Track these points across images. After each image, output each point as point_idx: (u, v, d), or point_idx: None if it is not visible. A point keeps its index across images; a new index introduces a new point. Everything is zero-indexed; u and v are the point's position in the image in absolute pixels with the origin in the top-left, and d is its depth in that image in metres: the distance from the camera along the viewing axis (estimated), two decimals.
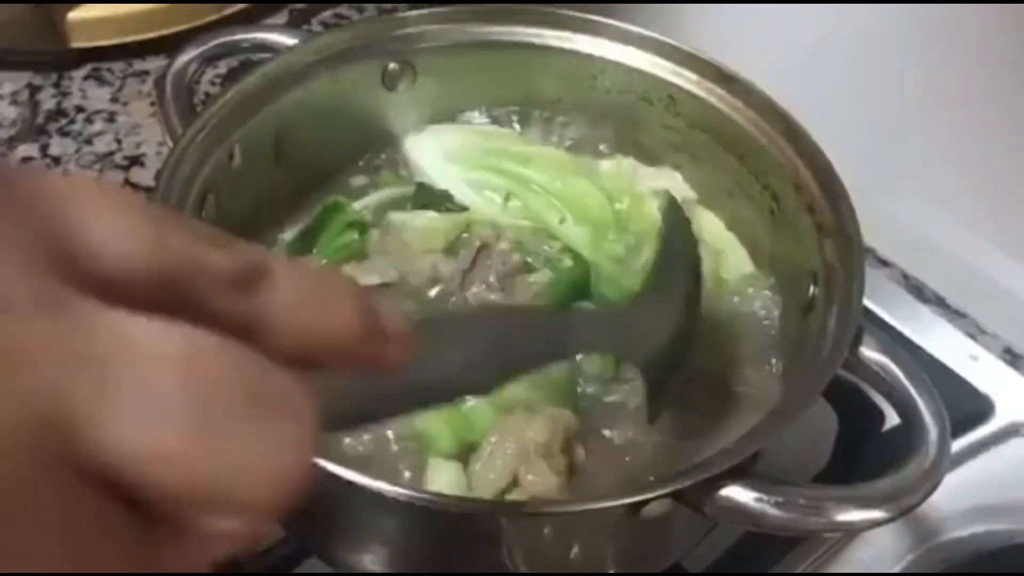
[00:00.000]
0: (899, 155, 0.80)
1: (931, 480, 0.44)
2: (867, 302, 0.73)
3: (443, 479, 0.49)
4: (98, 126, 0.86)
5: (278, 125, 0.57)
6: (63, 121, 0.85)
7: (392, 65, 0.61)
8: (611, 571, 0.51)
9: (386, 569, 0.51)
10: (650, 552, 0.52)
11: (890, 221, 0.77)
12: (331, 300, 0.22)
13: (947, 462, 0.45)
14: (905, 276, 0.80)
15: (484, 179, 0.62)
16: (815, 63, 0.79)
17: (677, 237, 0.49)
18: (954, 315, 0.77)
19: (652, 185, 0.62)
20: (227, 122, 0.54)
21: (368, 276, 0.57)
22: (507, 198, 0.61)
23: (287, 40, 0.59)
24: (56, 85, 0.88)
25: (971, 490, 0.65)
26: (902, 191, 0.78)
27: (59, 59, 0.88)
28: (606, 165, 0.64)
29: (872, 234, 0.80)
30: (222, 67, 0.88)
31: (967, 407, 0.70)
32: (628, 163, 0.64)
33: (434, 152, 0.63)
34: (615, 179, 0.62)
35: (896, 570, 0.62)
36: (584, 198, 0.60)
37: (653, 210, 0.60)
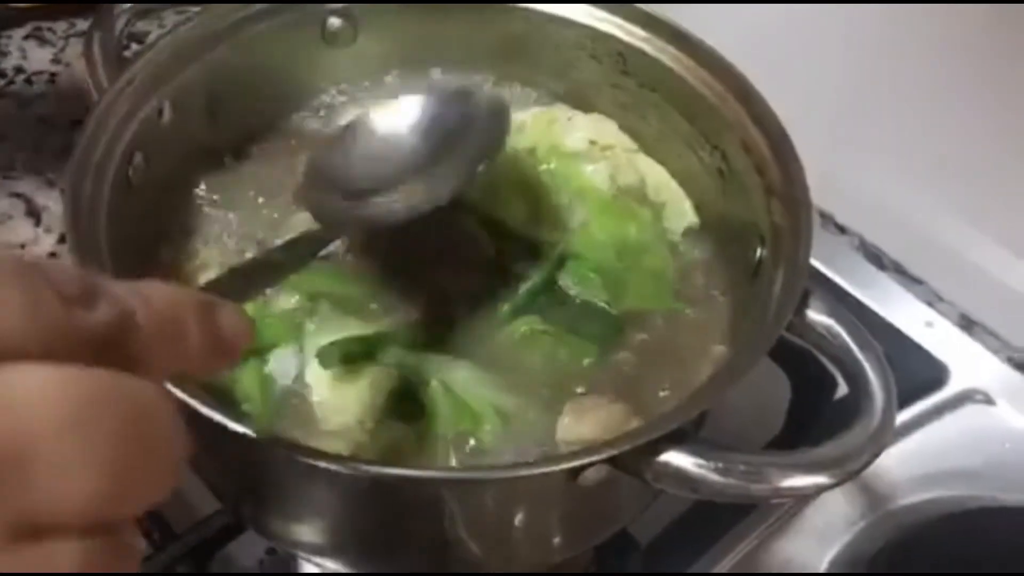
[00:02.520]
0: (860, 123, 0.79)
1: (876, 444, 0.43)
2: (824, 268, 0.74)
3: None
4: (38, 87, 0.83)
5: (211, 80, 0.55)
6: (1, 82, 0.83)
7: (332, 20, 0.59)
8: (556, 539, 0.50)
9: (322, 540, 0.50)
10: (595, 519, 0.51)
11: (849, 188, 0.77)
12: (183, 332, 0.28)
13: (892, 426, 0.44)
14: (863, 243, 0.80)
15: None
16: (776, 29, 0.78)
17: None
18: (911, 282, 0.77)
19: (584, 135, 0.60)
20: (156, 77, 0.52)
21: None
22: None
23: None
24: None
25: (925, 456, 0.66)
26: (862, 159, 0.78)
27: None
28: (535, 114, 0.62)
29: (831, 201, 0.80)
30: (168, 26, 0.86)
31: (922, 373, 0.70)
32: (559, 110, 0.62)
33: None
34: (541, 137, 0.61)
35: (850, 535, 0.62)
36: (506, 174, 0.58)
37: (584, 169, 0.59)
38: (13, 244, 0.72)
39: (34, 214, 0.75)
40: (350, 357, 0.49)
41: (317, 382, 0.49)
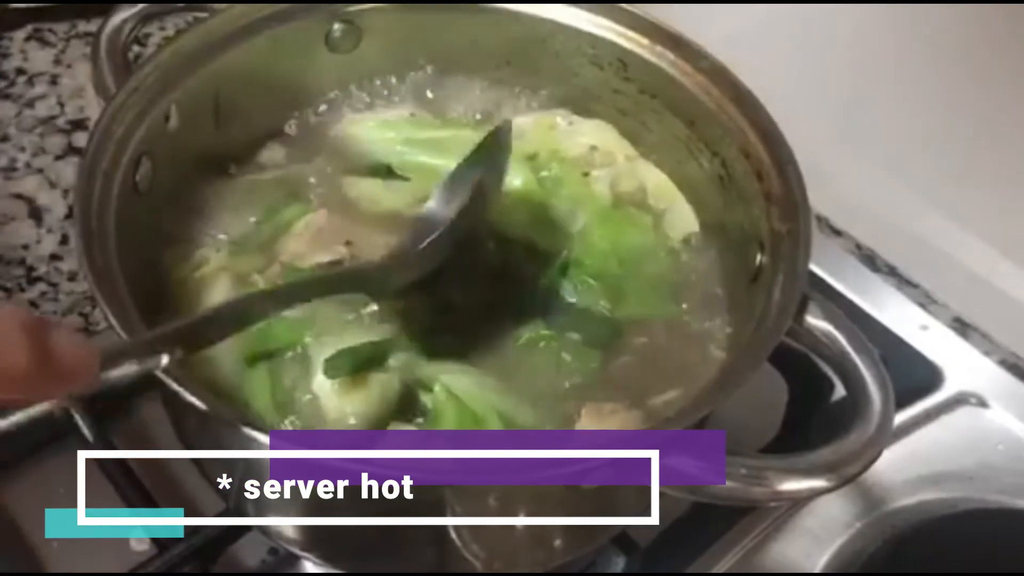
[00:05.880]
0: (856, 127, 0.80)
1: (874, 449, 0.44)
2: (820, 271, 0.74)
3: None
4: (40, 89, 0.83)
5: (216, 86, 0.56)
6: (2, 84, 0.83)
7: (336, 25, 0.59)
8: (558, 541, 0.51)
9: (323, 540, 0.51)
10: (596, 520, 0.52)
11: (845, 192, 0.78)
12: (5, 352, 0.26)
13: (890, 431, 0.44)
14: (858, 246, 0.81)
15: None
16: (773, 35, 0.78)
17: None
18: (905, 285, 0.78)
19: (585, 141, 0.61)
20: (163, 82, 0.52)
21: (318, 254, 0.55)
22: None
23: None
24: None
25: (919, 458, 0.66)
26: (858, 163, 0.78)
27: None
28: (536, 119, 0.63)
29: (827, 204, 0.81)
30: (170, 29, 0.86)
31: (917, 376, 0.71)
32: (559, 115, 0.63)
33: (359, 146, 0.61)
34: (541, 142, 0.61)
35: (845, 537, 0.63)
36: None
37: (584, 175, 0.59)
38: (15, 245, 0.72)
39: (36, 215, 0.75)
40: (356, 366, 0.49)
41: (324, 389, 0.49)
